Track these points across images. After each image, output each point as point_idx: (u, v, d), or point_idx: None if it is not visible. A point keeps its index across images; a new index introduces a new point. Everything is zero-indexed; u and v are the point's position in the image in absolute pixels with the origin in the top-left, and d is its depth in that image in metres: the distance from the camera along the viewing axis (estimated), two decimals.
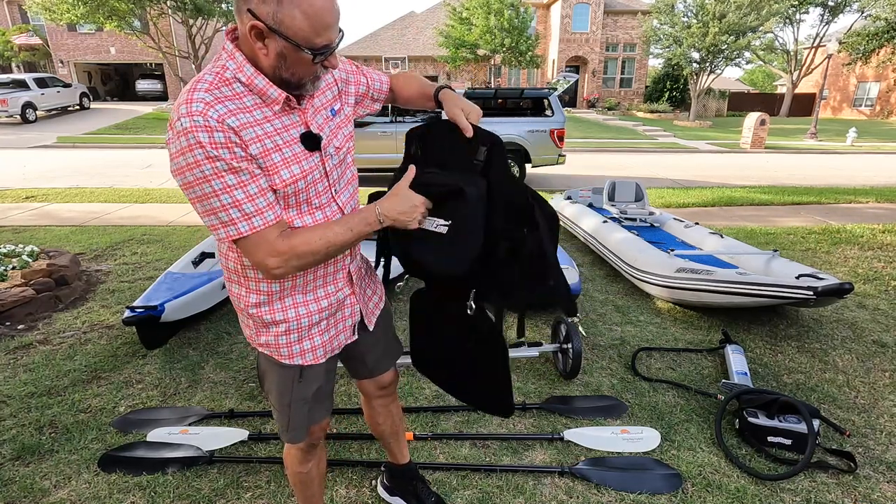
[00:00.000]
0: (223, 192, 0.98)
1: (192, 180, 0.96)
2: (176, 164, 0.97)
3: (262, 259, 1.04)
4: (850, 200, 7.18)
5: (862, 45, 23.43)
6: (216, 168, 0.96)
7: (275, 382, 1.28)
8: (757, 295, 2.82)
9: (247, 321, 1.24)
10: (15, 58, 24.35)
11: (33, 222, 5.52)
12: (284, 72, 1.01)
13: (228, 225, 1.00)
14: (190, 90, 0.98)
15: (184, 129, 0.93)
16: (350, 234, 1.10)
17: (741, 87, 42.70)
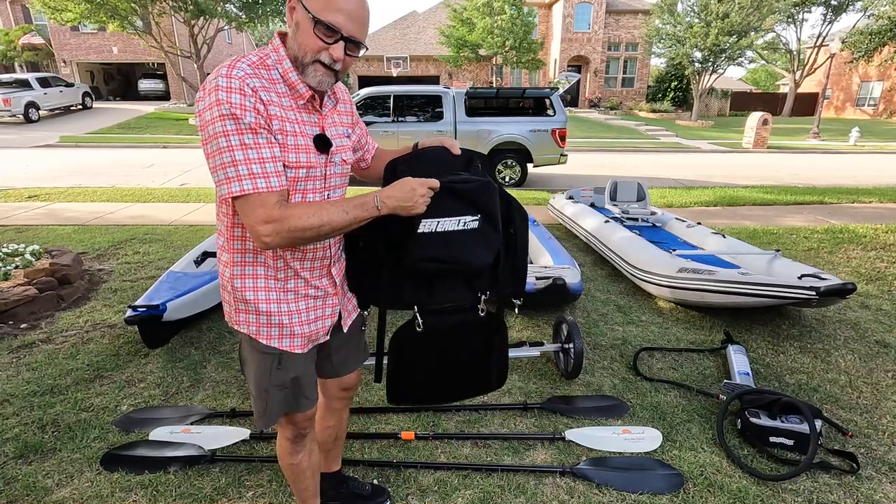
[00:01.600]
0: (238, 149, 1.04)
1: (212, 133, 1.04)
2: (202, 119, 1.05)
3: (256, 223, 1.06)
4: (853, 200, 7.16)
5: (865, 45, 23.34)
6: (238, 125, 1.04)
7: (254, 367, 1.30)
8: (759, 295, 2.82)
9: (227, 297, 1.27)
10: (18, 57, 24.41)
11: (36, 222, 5.53)
12: (296, 47, 1.11)
13: (234, 180, 1.04)
14: (233, 62, 1.08)
15: (218, 85, 1.03)
16: (345, 216, 1.12)
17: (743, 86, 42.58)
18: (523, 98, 8.76)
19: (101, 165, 9.95)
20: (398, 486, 1.88)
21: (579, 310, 3.45)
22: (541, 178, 9.36)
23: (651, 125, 19.94)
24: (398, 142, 8.05)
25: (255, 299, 1.22)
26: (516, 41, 20.92)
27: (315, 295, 1.29)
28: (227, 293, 1.27)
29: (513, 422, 2.27)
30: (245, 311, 1.24)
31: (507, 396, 2.47)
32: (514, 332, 3.14)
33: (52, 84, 17.48)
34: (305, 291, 1.28)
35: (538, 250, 3.92)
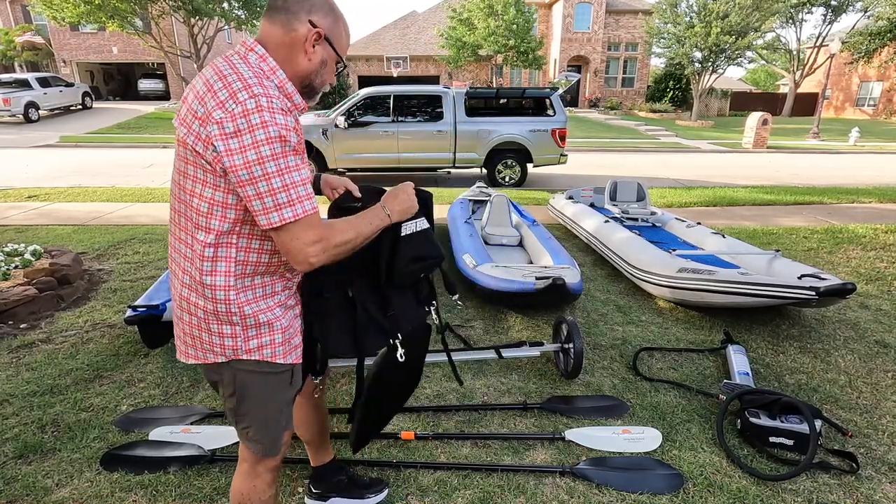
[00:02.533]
0: (287, 172, 1.00)
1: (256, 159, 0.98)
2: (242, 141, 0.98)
3: (306, 245, 1.03)
4: (853, 200, 7.16)
5: (864, 45, 23.35)
6: (285, 148, 1.00)
7: (264, 392, 1.22)
8: (759, 295, 2.82)
9: (231, 330, 1.14)
10: (17, 57, 24.40)
11: (35, 221, 5.53)
12: (317, 78, 1.16)
13: (286, 206, 1.01)
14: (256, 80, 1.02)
15: (260, 106, 0.98)
16: (370, 227, 1.18)
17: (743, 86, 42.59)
18: (523, 98, 8.76)
19: (100, 165, 9.95)
20: (398, 486, 1.88)
21: (579, 310, 3.45)
22: (540, 178, 9.36)
23: (651, 125, 19.95)
24: (398, 142, 8.06)
25: (272, 318, 1.17)
26: (517, 41, 20.93)
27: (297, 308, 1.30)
28: (226, 326, 1.14)
29: (513, 422, 2.27)
30: (258, 335, 1.16)
31: (507, 396, 2.47)
32: (514, 332, 3.14)
33: (52, 84, 17.48)
34: (296, 299, 1.29)
35: (538, 250, 3.92)
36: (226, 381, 1.21)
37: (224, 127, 0.98)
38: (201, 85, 1.05)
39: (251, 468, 1.31)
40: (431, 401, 2.41)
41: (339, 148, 7.97)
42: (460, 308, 3.45)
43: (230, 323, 1.13)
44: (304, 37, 1.09)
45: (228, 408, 1.25)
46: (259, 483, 1.32)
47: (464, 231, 4.08)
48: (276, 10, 1.09)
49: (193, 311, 1.14)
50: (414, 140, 8.10)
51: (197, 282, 1.11)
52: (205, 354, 1.17)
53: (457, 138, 8.13)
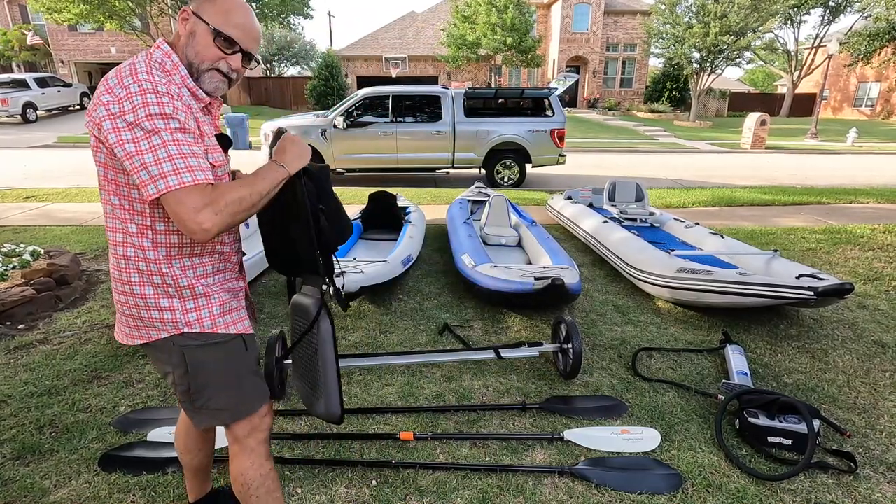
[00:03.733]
0: (172, 144, 1.05)
1: (142, 134, 1.03)
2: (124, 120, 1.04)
3: (193, 211, 1.04)
4: (851, 201, 7.18)
5: (863, 46, 23.41)
6: (168, 124, 1.05)
7: (217, 363, 1.25)
8: (757, 295, 2.82)
9: (169, 303, 1.19)
10: (15, 57, 24.35)
11: (34, 222, 5.52)
12: (189, 51, 1.17)
13: (170, 175, 1.03)
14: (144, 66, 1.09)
15: (142, 89, 1.05)
16: (265, 182, 1.16)
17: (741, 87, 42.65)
18: (522, 98, 8.77)
19: None
20: (397, 487, 1.88)
21: (578, 310, 3.46)
22: (539, 178, 9.36)
23: (649, 125, 19.98)
24: (397, 142, 8.06)
25: (209, 291, 1.23)
26: (516, 41, 20.96)
27: (239, 276, 1.37)
28: (165, 298, 1.18)
29: (511, 422, 2.27)
30: (196, 308, 1.21)
31: (506, 396, 2.47)
32: (513, 333, 3.14)
33: (50, 84, 17.46)
34: (236, 278, 1.34)
35: (537, 250, 3.92)
36: (175, 362, 1.23)
37: (110, 108, 1.05)
38: (102, 83, 1.11)
39: (241, 446, 1.32)
40: (430, 401, 2.41)
41: (338, 148, 7.97)
42: (459, 308, 3.45)
43: (167, 296, 1.18)
44: (181, 19, 1.18)
45: (181, 391, 1.26)
46: (255, 458, 1.33)
47: (463, 231, 4.08)
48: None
49: (129, 291, 1.19)
50: (413, 140, 8.10)
51: (128, 259, 1.17)
52: (148, 332, 1.21)
53: (455, 139, 8.14)
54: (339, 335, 3.06)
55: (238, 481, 1.34)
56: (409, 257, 3.66)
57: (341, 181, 8.56)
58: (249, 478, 1.33)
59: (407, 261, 3.60)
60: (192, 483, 1.63)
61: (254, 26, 1.22)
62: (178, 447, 1.56)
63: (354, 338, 3.03)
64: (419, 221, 4.54)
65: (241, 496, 1.36)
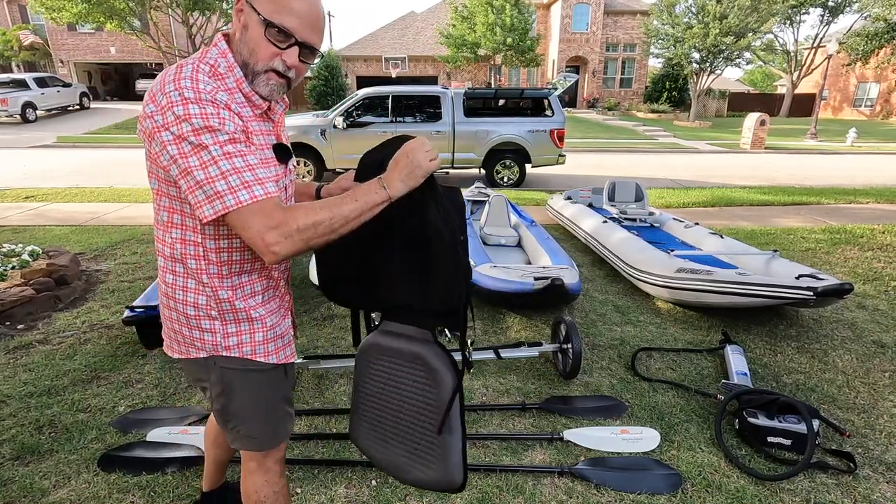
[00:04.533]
0: (223, 158, 0.93)
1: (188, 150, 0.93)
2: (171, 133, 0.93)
3: (260, 233, 0.94)
4: (850, 201, 7.18)
5: (861, 46, 23.43)
6: (216, 137, 0.94)
7: (251, 391, 1.19)
8: (757, 295, 2.82)
9: (210, 325, 1.12)
10: (15, 57, 24.35)
11: (33, 222, 5.52)
12: (244, 49, 1.02)
13: (227, 194, 0.93)
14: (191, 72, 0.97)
15: (183, 98, 0.93)
16: (354, 205, 1.00)
17: (741, 87, 42.69)
18: (522, 98, 8.77)
19: (98, 166, 9.93)
20: (397, 487, 1.88)
21: (577, 310, 3.46)
22: (539, 178, 9.37)
23: (649, 125, 19.98)
24: None
25: (254, 316, 1.14)
26: (515, 41, 20.97)
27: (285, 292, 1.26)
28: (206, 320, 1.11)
29: (511, 422, 2.27)
30: (237, 332, 1.13)
31: (506, 397, 2.47)
32: (513, 333, 3.14)
33: (50, 84, 17.44)
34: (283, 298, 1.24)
35: (536, 250, 3.92)
36: (213, 381, 1.17)
37: (155, 119, 0.95)
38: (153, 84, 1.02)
39: (259, 465, 1.28)
40: None
41: (338, 148, 7.97)
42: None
43: (209, 317, 1.11)
44: (237, 11, 1.03)
45: (216, 409, 1.21)
46: (270, 476, 1.30)
47: None
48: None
49: (173, 306, 1.13)
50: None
51: (176, 274, 1.11)
52: (187, 349, 1.16)
53: (455, 139, 8.14)
54: (339, 335, 3.06)
55: (252, 498, 1.30)
56: None
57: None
58: (264, 495, 1.29)
59: None
60: (212, 474, 1.64)
61: (313, 11, 1.01)
62: (208, 439, 1.56)
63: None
64: None
65: None
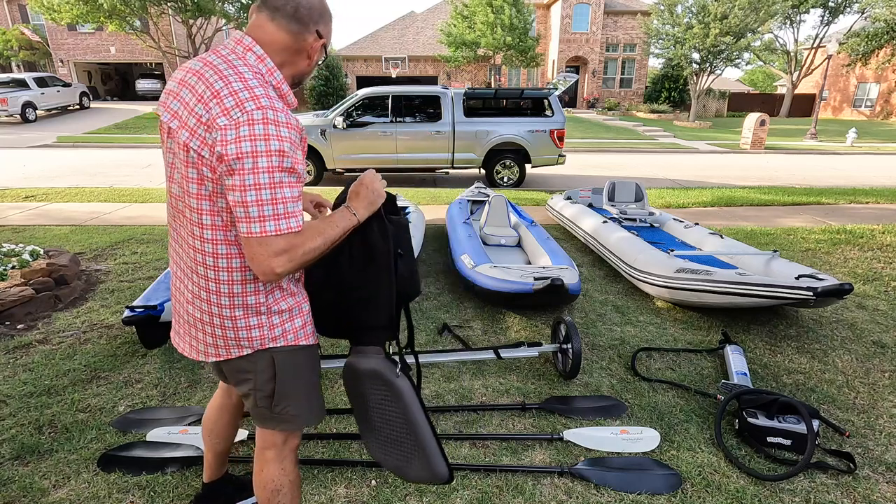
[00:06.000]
0: (280, 186, 1.02)
1: (254, 167, 0.99)
2: (241, 149, 0.99)
3: (271, 256, 1.03)
4: (850, 201, 7.18)
5: (861, 46, 23.44)
6: (283, 163, 1.02)
7: (299, 369, 1.27)
8: (756, 295, 2.82)
9: (258, 321, 1.18)
10: (15, 57, 24.35)
11: (33, 222, 5.52)
12: (309, 75, 1.25)
13: (273, 219, 1.02)
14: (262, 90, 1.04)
15: (266, 119, 1.00)
16: (337, 230, 1.16)
17: (741, 87, 42.69)
18: (521, 99, 8.77)
19: (98, 165, 9.93)
20: (396, 487, 1.88)
21: (577, 310, 3.46)
22: (539, 178, 9.37)
23: (649, 126, 19.98)
24: (397, 142, 8.05)
25: (292, 305, 1.22)
26: (515, 40, 20.97)
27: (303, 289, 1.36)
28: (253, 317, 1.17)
29: (511, 422, 2.27)
30: (281, 322, 1.21)
31: (506, 397, 2.47)
32: (513, 333, 3.14)
33: (50, 84, 17.44)
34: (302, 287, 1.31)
35: (536, 251, 3.92)
36: (260, 368, 1.22)
37: (227, 134, 1.00)
38: (203, 87, 1.05)
39: (278, 453, 1.33)
40: (430, 401, 2.41)
41: (338, 148, 7.97)
42: (458, 308, 3.45)
43: (257, 314, 1.17)
44: (311, 45, 1.16)
45: (264, 395, 1.25)
46: (287, 465, 1.35)
47: (462, 231, 4.08)
48: (286, 18, 1.11)
49: (217, 312, 1.16)
50: (412, 140, 8.10)
51: (213, 280, 1.14)
52: (229, 351, 1.20)
53: (455, 139, 8.14)
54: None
55: (268, 488, 1.33)
56: None
57: (341, 181, 8.57)
58: (280, 484, 1.33)
59: None
60: (211, 464, 1.66)
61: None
62: (206, 429, 1.60)
63: None
64: (418, 221, 4.54)
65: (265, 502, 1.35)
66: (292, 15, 1.11)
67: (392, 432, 1.33)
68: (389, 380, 1.28)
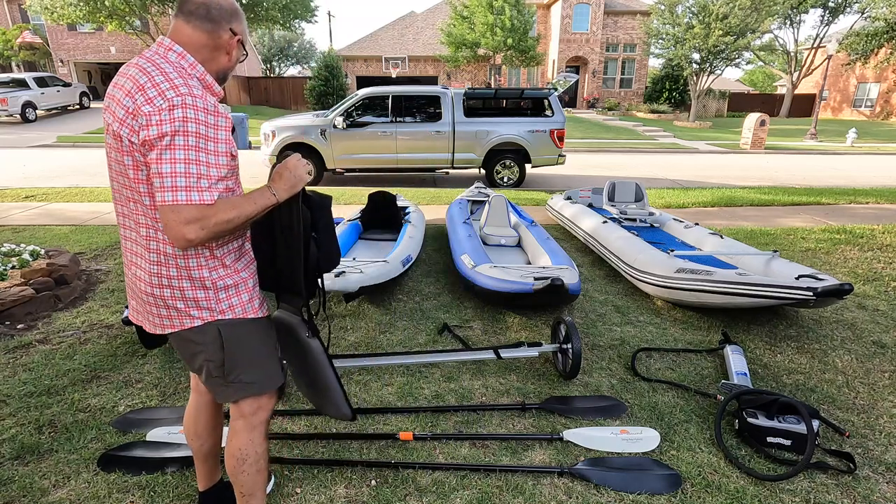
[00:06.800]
0: (196, 163, 1.13)
1: (171, 143, 1.11)
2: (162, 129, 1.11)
3: (183, 225, 1.12)
4: (850, 201, 7.19)
5: (861, 46, 23.42)
6: (199, 143, 1.13)
7: (253, 339, 1.38)
8: (756, 295, 2.82)
9: (205, 294, 1.28)
10: (15, 57, 24.34)
11: (33, 221, 5.52)
12: (231, 70, 1.37)
13: (184, 190, 1.11)
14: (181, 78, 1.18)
15: (185, 104, 1.13)
16: (254, 207, 1.24)
17: (741, 87, 42.69)
18: (521, 99, 8.77)
19: (98, 165, 9.93)
20: (396, 487, 1.88)
21: (577, 310, 3.46)
22: (539, 178, 9.37)
23: (649, 126, 19.98)
24: (397, 142, 8.05)
25: (238, 280, 1.33)
26: (515, 40, 20.96)
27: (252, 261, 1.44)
28: (201, 292, 1.28)
29: (511, 422, 2.27)
30: (227, 297, 1.31)
31: (506, 397, 2.47)
32: (513, 333, 3.14)
33: (50, 84, 17.43)
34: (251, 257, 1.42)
35: (536, 251, 3.92)
36: (209, 340, 1.32)
37: (151, 119, 1.12)
38: (129, 83, 1.18)
39: (246, 423, 1.42)
40: (430, 401, 2.41)
41: (338, 148, 7.96)
42: (458, 308, 3.45)
43: (203, 288, 1.28)
44: (227, 42, 1.30)
45: (215, 366, 1.34)
46: (255, 436, 1.43)
47: (462, 231, 4.08)
48: (199, 19, 1.24)
49: (167, 284, 1.26)
50: (412, 140, 8.10)
51: (167, 255, 1.24)
52: (181, 321, 1.29)
53: (455, 139, 8.14)
54: (339, 335, 3.07)
55: (234, 456, 1.42)
56: (408, 257, 3.66)
57: (341, 181, 8.57)
58: (246, 453, 1.42)
59: (406, 261, 3.60)
60: (202, 471, 1.68)
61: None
62: (188, 433, 1.62)
63: (354, 338, 3.03)
64: (419, 221, 4.54)
65: (233, 472, 1.44)
66: (205, 16, 1.25)
67: (309, 377, 1.52)
68: (301, 337, 1.45)
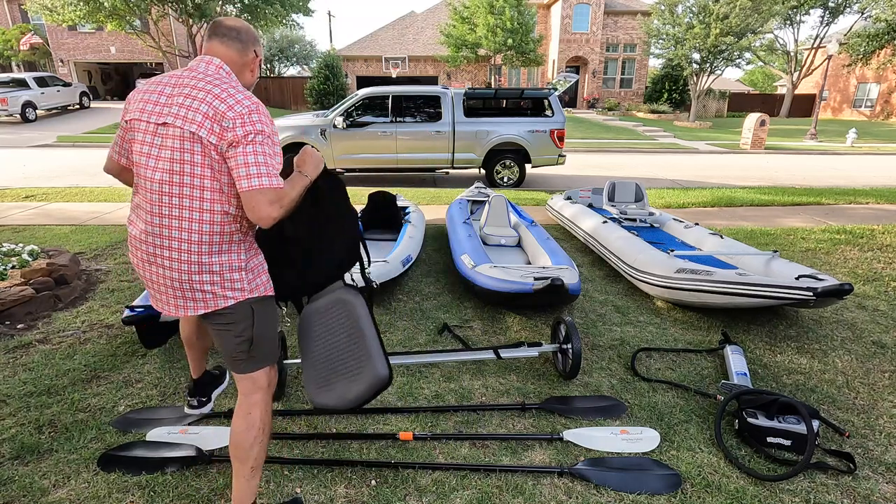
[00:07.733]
0: (269, 156, 1.39)
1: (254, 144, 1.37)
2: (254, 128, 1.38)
3: (269, 205, 1.36)
4: (850, 201, 7.18)
5: (862, 47, 23.42)
6: (270, 139, 1.42)
7: (268, 315, 1.58)
8: (756, 296, 2.82)
9: (239, 277, 1.48)
10: (15, 57, 24.34)
11: (33, 221, 5.52)
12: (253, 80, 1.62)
13: (266, 176, 1.36)
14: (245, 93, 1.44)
15: (259, 111, 1.41)
16: (300, 187, 1.52)
17: (741, 87, 42.69)
18: (521, 99, 8.77)
19: (98, 165, 9.92)
20: (396, 487, 1.88)
21: (577, 310, 3.46)
22: (539, 178, 9.37)
23: (649, 126, 19.98)
24: (397, 142, 8.05)
25: (259, 263, 1.56)
26: (516, 41, 20.95)
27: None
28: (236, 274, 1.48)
29: (511, 422, 2.27)
30: (255, 276, 1.53)
31: (506, 397, 2.47)
32: (513, 333, 3.14)
33: (50, 83, 17.42)
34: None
35: (536, 251, 3.92)
36: (240, 318, 1.51)
37: (235, 122, 1.37)
38: (200, 93, 1.39)
39: (264, 395, 1.60)
40: (430, 401, 2.41)
41: (338, 148, 7.97)
42: (458, 308, 3.45)
43: (238, 269, 1.49)
44: (252, 61, 1.58)
45: (244, 340, 1.53)
46: (269, 406, 1.62)
47: (462, 231, 4.08)
48: (232, 40, 1.51)
49: (207, 269, 1.45)
50: (412, 140, 8.10)
51: (213, 244, 1.44)
52: (216, 302, 1.48)
53: (455, 139, 8.14)
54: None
55: (255, 426, 1.55)
56: (408, 257, 3.66)
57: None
58: (265, 422, 1.58)
59: (406, 261, 3.60)
60: (196, 363, 1.99)
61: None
62: (187, 335, 1.88)
63: None
64: (419, 221, 4.54)
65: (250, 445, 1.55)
66: (236, 38, 1.51)
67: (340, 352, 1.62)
68: (347, 299, 1.64)
